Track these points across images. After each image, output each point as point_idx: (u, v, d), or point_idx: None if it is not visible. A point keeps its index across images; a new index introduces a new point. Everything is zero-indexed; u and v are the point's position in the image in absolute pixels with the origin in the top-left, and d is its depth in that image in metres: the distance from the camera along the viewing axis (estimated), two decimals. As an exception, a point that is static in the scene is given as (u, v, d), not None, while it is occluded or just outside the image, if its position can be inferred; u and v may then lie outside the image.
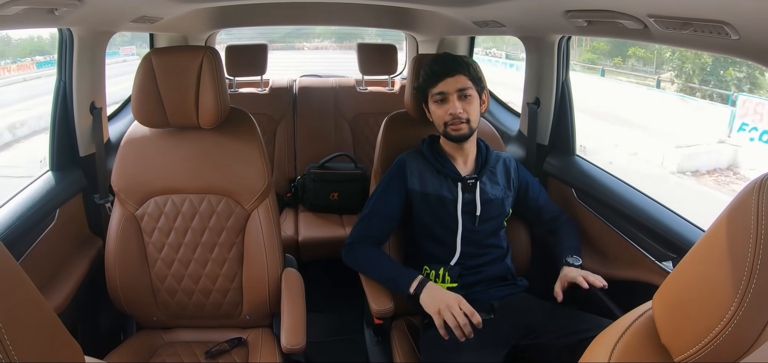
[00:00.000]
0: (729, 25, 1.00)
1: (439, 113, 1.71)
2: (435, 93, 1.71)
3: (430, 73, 1.72)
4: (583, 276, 1.54)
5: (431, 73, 1.71)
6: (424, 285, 1.54)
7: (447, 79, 1.68)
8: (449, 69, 1.69)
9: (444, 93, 1.69)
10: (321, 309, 2.63)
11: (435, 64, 1.72)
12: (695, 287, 0.77)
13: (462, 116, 1.67)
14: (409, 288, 1.55)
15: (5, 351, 0.74)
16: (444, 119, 1.70)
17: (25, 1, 1.20)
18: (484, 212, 1.73)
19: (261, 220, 1.73)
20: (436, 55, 1.81)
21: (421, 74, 1.77)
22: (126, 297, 1.71)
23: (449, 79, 1.68)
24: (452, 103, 1.68)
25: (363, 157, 3.07)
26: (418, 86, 1.78)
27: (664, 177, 9.46)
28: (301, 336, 1.50)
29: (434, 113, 1.74)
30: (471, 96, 1.69)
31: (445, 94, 1.69)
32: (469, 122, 1.69)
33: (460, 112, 1.67)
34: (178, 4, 1.86)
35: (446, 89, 1.68)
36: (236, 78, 3.15)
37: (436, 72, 1.70)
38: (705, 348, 0.72)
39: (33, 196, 1.69)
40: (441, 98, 1.70)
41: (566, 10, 1.46)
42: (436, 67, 1.71)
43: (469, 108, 1.69)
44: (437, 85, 1.70)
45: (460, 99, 1.68)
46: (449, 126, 1.69)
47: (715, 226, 0.76)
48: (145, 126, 1.70)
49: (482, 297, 1.68)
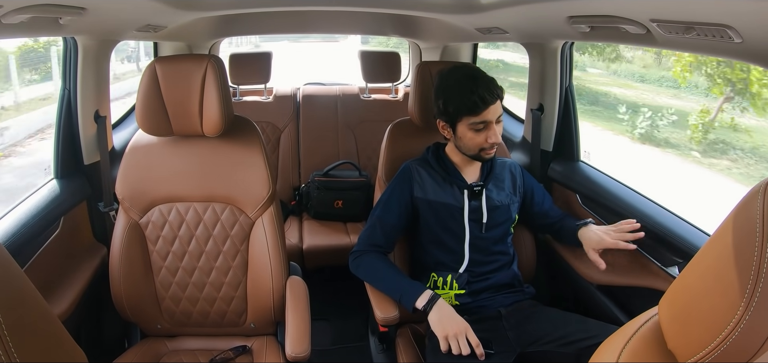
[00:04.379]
0: (732, 29, 1.00)
1: (476, 140, 1.64)
2: (477, 122, 1.62)
3: (477, 100, 1.60)
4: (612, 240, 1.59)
5: (479, 101, 1.60)
6: (434, 302, 1.54)
7: (491, 107, 1.61)
8: (493, 97, 1.62)
9: (486, 121, 1.62)
10: (326, 317, 2.62)
11: (480, 90, 1.61)
12: (702, 292, 0.76)
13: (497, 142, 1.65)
14: (416, 303, 1.56)
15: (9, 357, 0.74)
16: (481, 146, 1.65)
17: (30, 10, 1.21)
18: (491, 219, 1.72)
19: (265, 228, 1.72)
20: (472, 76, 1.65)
21: (457, 98, 1.64)
22: (130, 305, 1.71)
23: (492, 107, 1.62)
24: (493, 131, 1.63)
25: (367, 165, 3.07)
26: (451, 110, 1.66)
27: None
28: (306, 344, 1.49)
29: (469, 138, 1.65)
30: (501, 120, 1.67)
31: (487, 122, 1.62)
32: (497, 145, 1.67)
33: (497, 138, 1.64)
34: (183, 12, 1.87)
35: (489, 118, 1.62)
36: (240, 86, 3.17)
37: (484, 100, 1.60)
38: (712, 353, 0.71)
39: (37, 203, 1.70)
40: (483, 127, 1.63)
41: (569, 16, 1.47)
42: (481, 96, 1.60)
43: (500, 130, 1.66)
44: (481, 114, 1.61)
45: (496, 123, 1.64)
46: (485, 151, 1.66)
47: (721, 231, 0.75)
48: (149, 134, 1.71)
49: (489, 304, 1.68)
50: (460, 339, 1.45)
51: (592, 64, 9.41)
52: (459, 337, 1.46)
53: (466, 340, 1.46)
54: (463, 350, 1.44)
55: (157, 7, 1.67)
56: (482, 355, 1.45)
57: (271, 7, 1.91)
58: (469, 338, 1.46)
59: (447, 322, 1.50)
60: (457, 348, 1.45)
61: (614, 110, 7.78)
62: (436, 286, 1.70)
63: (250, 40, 13.33)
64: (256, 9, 2.04)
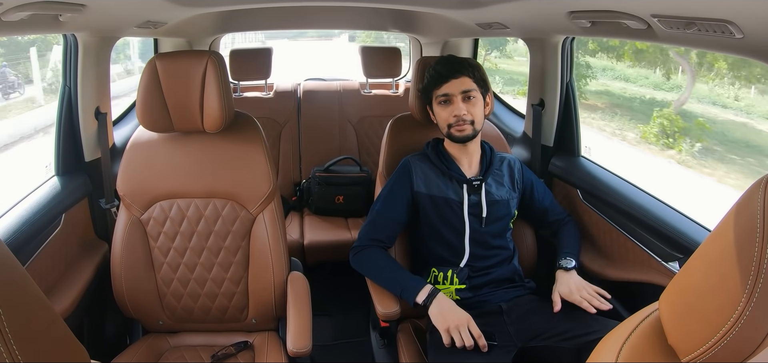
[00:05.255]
0: (733, 24, 1.00)
1: (443, 115, 1.72)
2: (439, 94, 1.72)
3: (434, 74, 1.73)
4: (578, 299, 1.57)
5: (436, 75, 1.72)
6: (434, 297, 1.55)
7: (452, 80, 1.70)
8: (454, 71, 1.70)
9: (448, 94, 1.70)
10: (327, 312, 2.63)
11: (439, 65, 1.73)
12: (702, 287, 0.76)
13: (466, 117, 1.68)
14: (417, 298, 1.56)
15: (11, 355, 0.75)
16: (448, 121, 1.70)
17: (30, 7, 1.21)
18: (491, 214, 1.72)
19: (266, 223, 1.73)
20: (440, 57, 1.82)
21: (426, 76, 1.77)
22: (132, 301, 1.72)
23: (454, 80, 1.69)
24: (456, 105, 1.68)
25: (368, 160, 3.07)
26: (423, 88, 1.79)
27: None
28: (307, 339, 1.50)
29: (438, 115, 1.74)
30: (475, 98, 1.70)
31: (449, 95, 1.70)
32: (473, 123, 1.69)
33: (464, 114, 1.67)
34: (182, 8, 1.87)
35: (450, 91, 1.69)
36: (240, 82, 3.16)
37: (440, 73, 1.71)
38: (712, 348, 0.72)
39: (39, 201, 1.70)
40: (445, 100, 1.71)
41: (570, 11, 1.46)
42: (440, 69, 1.72)
43: (473, 110, 1.69)
44: (442, 87, 1.71)
45: (464, 101, 1.69)
46: (453, 127, 1.70)
47: (721, 226, 0.75)
48: (150, 131, 1.71)
49: (490, 299, 1.68)
50: (462, 331, 1.46)
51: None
52: (461, 328, 1.47)
53: (468, 332, 1.46)
54: (466, 342, 1.45)
55: (157, 4, 1.67)
56: (485, 347, 1.45)
57: (271, 3, 1.90)
58: (471, 330, 1.47)
59: (448, 314, 1.51)
60: (460, 340, 1.45)
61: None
62: (436, 281, 1.70)
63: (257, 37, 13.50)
64: (256, 5, 2.03)
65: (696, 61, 6.90)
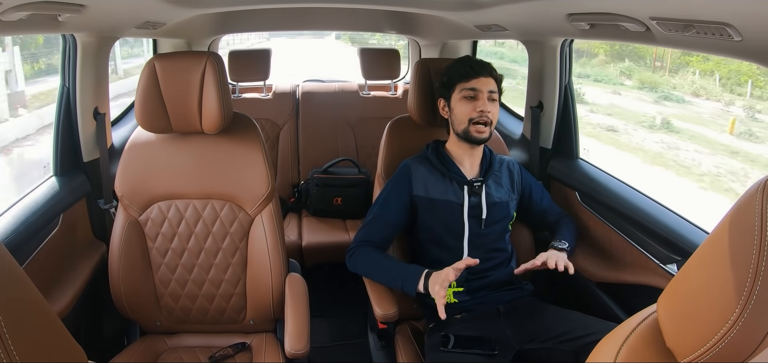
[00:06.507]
0: (731, 27, 1.00)
1: (465, 109, 1.70)
2: (467, 87, 1.70)
3: (466, 68, 1.72)
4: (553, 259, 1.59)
5: (468, 69, 1.71)
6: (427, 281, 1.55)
7: (481, 77, 1.69)
8: (484, 69, 1.71)
9: (476, 90, 1.69)
10: (325, 313, 2.62)
11: (470, 61, 1.75)
12: (700, 290, 0.76)
13: (489, 117, 1.68)
14: (418, 287, 1.56)
15: (9, 355, 0.74)
16: (470, 115, 1.69)
17: (29, 7, 1.21)
18: (490, 215, 1.72)
19: (264, 225, 1.72)
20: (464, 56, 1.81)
21: (452, 69, 1.76)
22: (129, 302, 1.71)
23: (483, 78, 1.69)
24: (482, 101, 1.67)
25: (366, 162, 3.07)
26: (446, 80, 1.77)
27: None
28: (305, 341, 1.50)
29: (459, 109, 1.71)
30: (496, 101, 1.71)
31: (477, 91, 1.69)
32: (490, 125, 1.70)
33: (488, 111, 1.67)
34: (182, 9, 1.87)
35: (479, 87, 1.69)
36: (239, 83, 3.16)
37: (473, 68, 1.71)
38: (710, 350, 0.72)
39: (36, 201, 1.70)
40: (472, 95, 1.69)
41: (568, 14, 1.47)
42: (472, 64, 1.73)
43: (493, 111, 1.70)
44: (471, 81, 1.70)
45: (488, 100, 1.69)
46: (474, 124, 1.68)
47: (719, 229, 0.75)
48: (148, 131, 1.71)
49: (488, 301, 1.68)
50: (444, 284, 1.47)
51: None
52: (443, 284, 1.47)
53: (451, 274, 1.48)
54: (438, 299, 1.45)
55: (157, 4, 1.67)
56: (475, 262, 1.49)
57: (269, 4, 1.90)
58: (451, 274, 1.48)
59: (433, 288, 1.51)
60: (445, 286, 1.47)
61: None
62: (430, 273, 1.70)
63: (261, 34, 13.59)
64: (255, 6, 2.03)
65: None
